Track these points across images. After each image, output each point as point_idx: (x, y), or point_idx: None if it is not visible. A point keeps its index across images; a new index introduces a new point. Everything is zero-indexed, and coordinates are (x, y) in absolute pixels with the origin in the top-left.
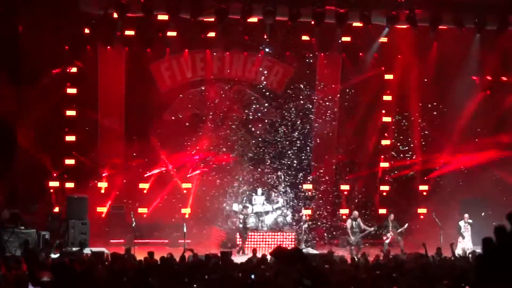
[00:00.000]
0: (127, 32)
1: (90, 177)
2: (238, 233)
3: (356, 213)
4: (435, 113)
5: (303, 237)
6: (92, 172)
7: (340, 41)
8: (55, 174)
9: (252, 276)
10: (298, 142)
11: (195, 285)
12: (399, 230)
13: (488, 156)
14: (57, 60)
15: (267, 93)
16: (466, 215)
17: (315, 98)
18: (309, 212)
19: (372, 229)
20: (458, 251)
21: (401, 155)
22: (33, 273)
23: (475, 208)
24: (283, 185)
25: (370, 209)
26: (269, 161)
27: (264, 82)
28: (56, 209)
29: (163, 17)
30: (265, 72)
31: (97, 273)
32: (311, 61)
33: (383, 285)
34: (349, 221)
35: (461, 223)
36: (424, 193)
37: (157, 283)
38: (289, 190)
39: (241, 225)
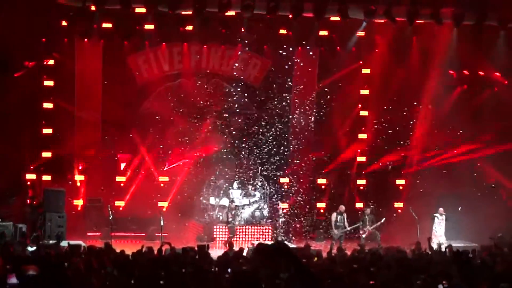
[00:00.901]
0: (105, 25)
1: (67, 170)
2: (226, 228)
3: (342, 207)
4: (411, 107)
5: (280, 231)
6: (68, 165)
7: (317, 35)
8: (32, 167)
9: (229, 270)
10: (275, 135)
11: (172, 279)
12: (375, 225)
13: (465, 151)
14: (34, 52)
15: (245, 87)
16: (441, 209)
17: (292, 92)
18: (285, 206)
19: (352, 227)
20: (433, 245)
21: (379, 149)
22: (15, 265)
23: (452, 203)
24: (260, 179)
25: (347, 203)
26: (246, 155)
27: (242, 76)
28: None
29: (140, 10)
30: (243, 65)
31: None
32: (289, 55)
33: (360, 279)
34: (334, 214)
35: (436, 215)
36: (401, 188)
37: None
38: (266, 184)
39: (230, 220)
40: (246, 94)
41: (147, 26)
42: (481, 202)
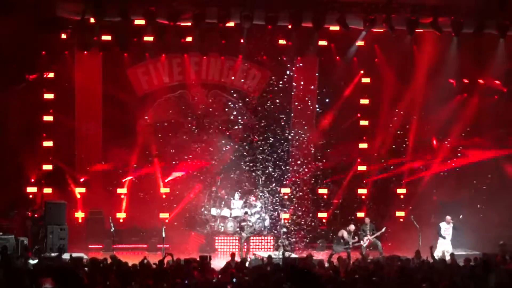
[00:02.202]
0: (104, 37)
1: (67, 183)
2: (237, 239)
3: (352, 227)
4: (411, 116)
5: (282, 241)
6: (69, 177)
7: (317, 45)
8: (32, 180)
9: (234, 280)
10: (275, 146)
11: None
12: (376, 234)
13: (465, 159)
14: (34, 65)
15: (245, 97)
16: (448, 217)
17: (292, 102)
18: (287, 216)
19: (353, 242)
20: (438, 253)
21: (379, 159)
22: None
23: (452, 211)
24: (261, 189)
25: (348, 212)
26: (247, 166)
27: (242, 87)
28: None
29: (140, 21)
30: (242, 76)
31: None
32: (288, 65)
33: None
34: (345, 233)
35: (442, 224)
36: (402, 196)
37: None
38: (267, 194)
39: (241, 232)
40: (246, 105)
41: (146, 38)
42: (483, 209)
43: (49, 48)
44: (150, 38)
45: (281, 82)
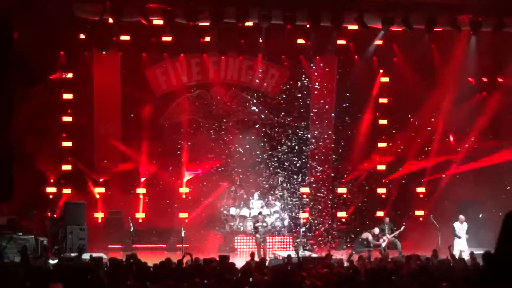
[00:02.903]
0: (123, 37)
1: (87, 183)
2: (254, 240)
3: (377, 230)
4: (430, 115)
5: (301, 241)
6: (89, 178)
7: (335, 44)
8: (52, 180)
9: (251, 280)
10: (294, 145)
11: None
12: (394, 234)
13: (484, 158)
14: (53, 66)
15: (263, 97)
16: (461, 217)
17: (311, 101)
18: (306, 215)
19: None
20: (455, 253)
21: (398, 158)
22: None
23: (472, 210)
24: (280, 189)
25: (368, 212)
26: (265, 165)
27: (260, 86)
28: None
29: (158, 22)
30: (261, 75)
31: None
32: (307, 64)
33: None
34: (369, 235)
35: (456, 224)
36: (421, 195)
37: None
38: (286, 194)
39: (255, 233)
40: (264, 104)
41: (165, 38)
42: (502, 209)
43: (68, 49)
44: (169, 38)
45: (299, 82)
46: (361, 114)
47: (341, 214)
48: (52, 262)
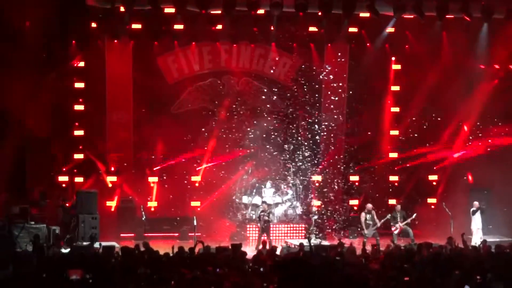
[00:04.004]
0: (134, 26)
1: (99, 172)
2: (259, 230)
3: (369, 206)
4: (442, 103)
5: (313, 229)
6: (101, 167)
7: (347, 31)
8: (64, 169)
9: (261, 269)
10: (306, 133)
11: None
12: (406, 221)
13: (496, 146)
14: (64, 54)
15: (275, 85)
16: (476, 203)
17: (323, 89)
18: (318, 203)
19: (382, 222)
20: (476, 240)
21: (410, 145)
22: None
23: (484, 198)
24: (292, 177)
25: (379, 199)
26: (278, 153)
27: (272, 74)
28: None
29: (170, 10)
30: (273, 64)
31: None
32: (318, 52)
33: (395, 276)
34: (362, 214)
35: (473, 209)
36: (434, 183)
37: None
38: (299, 182)
39: (261, 222)
40: (277, 92)
41: (176, 26)
42: None
43: (80, 37)
44: (180, 26)
45: (311, 70)
46: (373, 101)
47: (353, 202)
48: (64, 251)
